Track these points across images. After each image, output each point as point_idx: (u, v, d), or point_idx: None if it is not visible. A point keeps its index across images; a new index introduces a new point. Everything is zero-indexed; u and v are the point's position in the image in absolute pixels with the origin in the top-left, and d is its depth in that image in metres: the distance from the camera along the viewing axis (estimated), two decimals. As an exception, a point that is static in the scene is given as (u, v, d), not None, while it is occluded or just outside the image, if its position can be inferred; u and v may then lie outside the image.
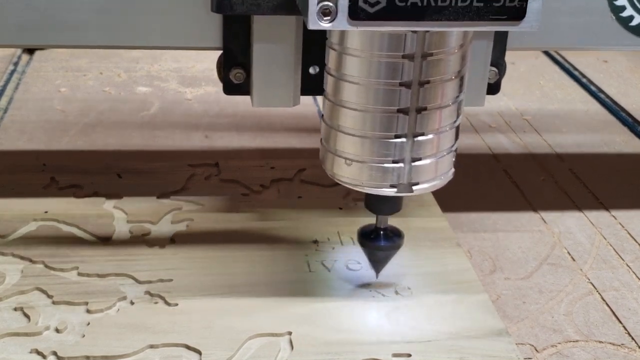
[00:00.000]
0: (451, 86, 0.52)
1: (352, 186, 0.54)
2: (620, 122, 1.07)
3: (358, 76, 0.51)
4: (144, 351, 0.55)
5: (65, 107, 1.03)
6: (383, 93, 0.51)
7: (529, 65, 1.28)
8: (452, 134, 0.54)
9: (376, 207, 0.59)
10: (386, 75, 0.50)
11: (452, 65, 0.51)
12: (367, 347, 0.56)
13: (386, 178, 0.53)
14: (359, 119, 0.52)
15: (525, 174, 0.91)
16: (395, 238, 0.60)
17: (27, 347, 0.54)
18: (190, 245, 0.67)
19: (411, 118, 0.52)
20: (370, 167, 0.53)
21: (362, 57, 0.50)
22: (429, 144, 0.53)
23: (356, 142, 0.53)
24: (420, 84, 0.51)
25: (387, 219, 0.60)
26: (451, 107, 0.53)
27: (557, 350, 0.62)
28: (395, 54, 0.50)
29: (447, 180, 0.56)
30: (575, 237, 0.78)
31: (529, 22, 0.47)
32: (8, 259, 0.64)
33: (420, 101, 0.51)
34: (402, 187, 0.54)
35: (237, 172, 0.78)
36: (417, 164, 0.53)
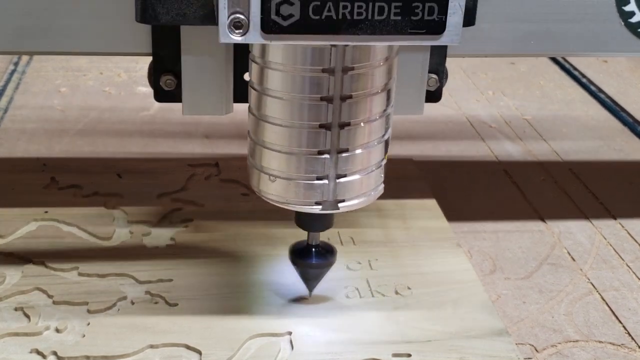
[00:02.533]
0: (377, 100, 0.51)
1: (278, 203, 0.53)
2: (620, 122, 1.07)
3: (279, 90, 0.49)
4: (144, 351, 0.55)
5: (65, 107, 1.03)
6: (305, 108, 0.49)
7: (529, 65, 1.28)
8: (380, 149, 0.53)
9: (306, 224, 0.57)
10: (307, 89, 0.49)
11: (376, 79, 0.50)
12: (367, 347, 0.56)
13: (311, 195, 0.51)
14: (281, 134, 0.50)
15: (525, 174, 0.91)
16: (327, 255, 0.59)
17: (27, 347, 0.54)
18: (190, 245, 0.67)
19: (334, 134, 0.50)
20: (296, 183, 0.51)
21: (283, 71, 0.49)
22: (355, 159, 0.51)
23: (280, 158, 0.51)
24: (342, 98, 0.49)
25: (319, 236, 0.58)
26: (377, 121, 0.51)
27: (557, 350, 0.62)
28: (316, 68, 0.48)
29: (376, 195, 0.54)
30: (575, 237, 0.78)
31: (449, 37, 0.46)
32: (8, 259, 0.64)
33: (343, 116, 0.50)
34: (328, 205, 0.52)
35: (237, 172, 0.78)
36: (343, 180, 0.51)
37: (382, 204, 0.74)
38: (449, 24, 0.45)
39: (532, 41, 0.60)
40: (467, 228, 0.79)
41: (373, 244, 0.68)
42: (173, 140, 0.95)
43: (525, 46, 0.60)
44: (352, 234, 0.69)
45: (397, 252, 0.67)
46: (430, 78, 0.59)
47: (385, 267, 0.65)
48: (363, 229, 0.70)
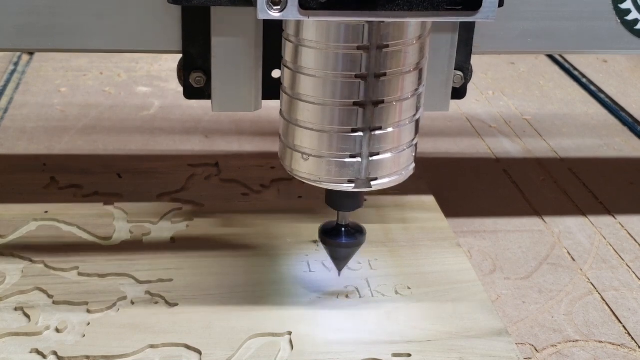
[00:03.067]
0: (409, 79, 0.51)
1: (311, 182, 0.53)
2: (620, 122, 1.07)
3: (313, 68, 0.50)
4: (144, 351, 0.55)
5: (65, 107, 1.03)
6: (338, 85, 0.50)
7: (529, 65, 1.28)
8: (411, 128, 0.53)
9: (337, 203, 0.57)
10: (341, 67, 0.49)
11: (409, 57, 0.50)
12: (367, 347, 0.56)
13: (344, 173, 0.52)
14: (315, 112, 0.51)
15: (525, 174, 0.91)
16: (357, 235, 0.59)
17: (27, 347, 0.54)
18: (190, 245, 0.67)
19: (368, 111, 0.50)
20: (328, 162, 0.52)
21: (317, 49, 0.49)
22: (387, 138, 0.52)
23: (313, 136, 0.51)
24: (376, 76, 0.49)
25: (349, 216, 0.59)
26: (410, 100, 0.52)
27: (557, 350, 0.62)
28: (350, 45, 0.48)
29: (407, 175, 0.55)
30: (575, 237, 0.78)
31: (484, 13, 0.46)
32: (8, 259, 0.64)
33: (376, 94, 0.50)
34: (360, 183, 0.52)
35: (237, 172, 0.78)
36: (375, 158, 0.52)
37: (382, 204, 0.74)
38: (485, 0, 0.46)
39: (529, 39, 0.61)
40: (467, 228, 0.79)
41: (373, 244, 0.68)
42: (173, 140, 0.95)
43: (523, 44, 0.61)
44: (352, 234, 0.69)
45: (397, 252, 0.67)
46: (455, 75, 0.60)
47: (385, 267, 0.65)
48: (363, 229, 0.70)
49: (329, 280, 0.63)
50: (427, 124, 1.04)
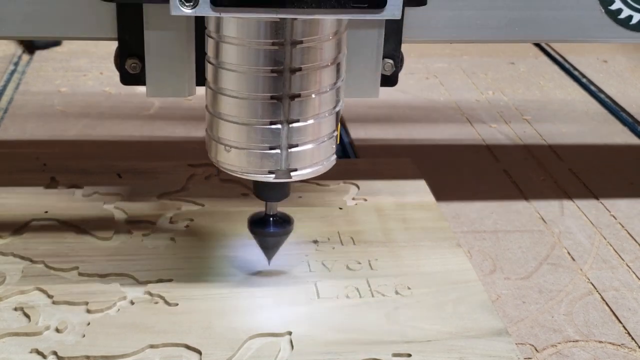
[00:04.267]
0: (326, 73, 0.53)
1: (233, 172, 0.55)
2: (620, 122, 1.07)
3: (233, 63, 0.52)
4: (144, 351, 0.55)
5: (65, 107, 1.03)
6: (257, 80, 0.52)
7: (529, 65, 1.28)
8: (331, 120, 0.55)
9: (263, 193, 0.59)
10: (259, 62, 0.51)
11: (325, 52, 0.52)
12: (367, 347, 0.56)
13: (264, 164, 0.54)
14: (235, 105, 0.53)
15: (525, 174, 0.91)
16: (284, 224, 0.61)
17: (27, 347, 0.54)
18: (190, 245, 0.67)
19: (285, 105, 0.52)
20: (248, 153, 0.54)
21: (235, 44, 0.51)
22: (306, 130, 0.54)
23: (234, 129, 0.54)
24: (292, 71, 0.51)
25: (276, 206, 0.60)
26: (327, 94, 0.54)
27: (557, 350, 0.62)
28: (266, 41, 0.51)
29: (329, 166, 0.56)
30: (575, 237, 0.78)
31: (390, 11, 0.49)
32: (8, 259, 0.64)
33: (293, 88, 0.52)
34: (281, 174, 0.54)
35: (237, 172, 0.78)
36: (294, 150, 0.54)
37: (382, 204, 0.74)
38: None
39: (516, 28, 0.62)
40: (467, 228, 0.79)
41: (373, 244, 0.68)
42: (173, 140, 0.95)
43: (509, 32, 0.62)
44: (352, 234, 0.69)
45: (397, 252, 0.67)
46: (386, 63, 0.61)
47: (385, 267, 0.65)
48: (363, 229, 0.70)
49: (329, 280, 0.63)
50: (427, 124, 1.04)
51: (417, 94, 1.14)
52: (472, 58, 1.30)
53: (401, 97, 1.12)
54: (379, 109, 1.07)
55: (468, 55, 1.30)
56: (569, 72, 1.26)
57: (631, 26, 0.63)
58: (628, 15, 0.62)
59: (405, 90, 1.15)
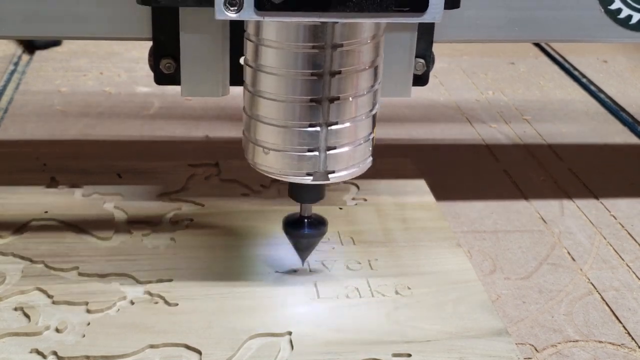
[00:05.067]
0: (364, 76, 0.53)
1: (271, 174, 0.56)
2: (620, 122, 1.07)
3: (272, 66, 0.52)
4: (144, 351, 0.55)
5: (65, 107, 1.03)
6: (296, 83, 0.52)
7: (529, 65, 1.28)
8: (368, 123, 0.55)
9: (299, 195, 0.59)
10: (298, 65, 0.52)
11: (364, 56, 0.53)
12: (367, 347, 0.56)
13: (302, 166, 0.54)
14: (274, 108, 0.53)
15: (525, 174, 0.91)
16: (319, 226, 0.61)
17: (27, 347, 0.54)
18: (190, 245, 0.67)
19: (324, 107, 0.53)
20: (287, 155, 0.54)
21: (275, 48, 0.52)
22: (344, 132, 0.54)
23: (273, 131, 0.54)
24: (331, 74, 0.52)
25: (311, 207, 0.61)
26: (365, 96, 0.54)
27: (557, 350, 0.62)
28: (307, 44, 0.51)
29: (365, 168, 0.57)
30: (575, 237, 0.78)
31: (431, 14, 0.49)
32: (8, 259, 0.64)
33: (332, 91, 0.52)
34: (319, 175, 0.55)
35: (237, 172, 0.78)
36: (332, 152, 0.54)
37: (382, 204, 0.74)
38: (431, 3, 0.49)
39: (516, 27, 0.62)
40: (467, 228, 0.79)
41: (373, 244, 0.68)
42: (173, 140, 0.95)
43: (509, 32, 0.63)
44: (352, 234, 0.69)
45: (397, 252, 0.67)
46: (417, 62, 0.62)
47: (385, 267, 0.65)
48: (363, 229, 0.70)
49: (329, 280, 0.63)
50: (427, 124, 1.04)
51: (417, 94, 1.14)
52: (472, 58, 1.30)
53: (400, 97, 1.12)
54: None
55: (468, 55, 1.30)
56: (569, 72, 1.26)
57: (631, 26, 0.63)
58: (628, 14, 0.63)
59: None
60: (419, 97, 1.13)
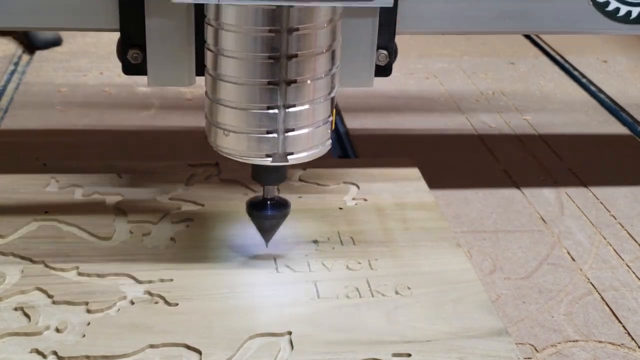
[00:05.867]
0: (321, 60, 0.55)
1: (231, 156, 0.57)
2: (620, 122, 1.07)
3: (230, 50, 0.54)
4: (144, 351, 0.55)
5: (65, 107, 1.03)
6: (254, 66, 0.54)
7: (529, 65, 1.28)
8: (326, 106, 0.57)
9: (260, 177, 0.61)
10: (256, 48, 0.53)
11: (320, 39, 0.54)
12: (367, 347, 0.56)
13: (261, 148, 0.56)
14: (233, 91, 0.55)
15: (525, 174, 0.91)
16: (281, 207, 0.63)
17: (27, 347, 0.54)
18: (190, 245, 0.67)
19: (281, 90, 0.54)
20: (246, 137, 0.56)
21: (234, 32, 0.53)
22: (302, 115, 0.55)
23: (232, 114, 0.55)
24: (288, 57, 0.53)
25: (274, 189, 0.62)
26: (323, 79, 0.56)
27: (557, 350, 0.62)
28: (264, 28, 0.53)
29: (324, 150, 0.58)
30: (575, 237, 0.78)
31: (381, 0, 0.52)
32: (8, 258, 0.64)
33: (290, 74, 0.54)
34: (278, 157, 0.56)
35: (237, 172, 0.78)
36: (291, 134, 0.56)
37: (382, 204, 0.74)
38: None
39: (506, 20, 0.64)
40: (467, 228, 0.79)
41: (373, 244, 0.68)
42: (173, 140, 0.95)
43: (500, 24, 0.65)
44: (352, 234, 0.69)
45: (397, 252, 0.67)
46: (380, 54, 0.63)
47: (385, 267, 0.65)
48: (363, 229, 0.70)
49: (329, 280, 0.63)
50: (428, 124, 1.04)
51: (417, 94, 1.14)
52: (472, 58, 1.30)
53: (401, 97, 1.12)
54: (377, 109, 1.07)
55: (468, 55, 1.31)
56: (569, 72, 1.26)
57: (618, 18, 0.65)
58: (615, 7, 0.64)
59: (405, 90, 1.15)
60: (419, 97, 1.13)
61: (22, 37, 1.25)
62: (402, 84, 1.16)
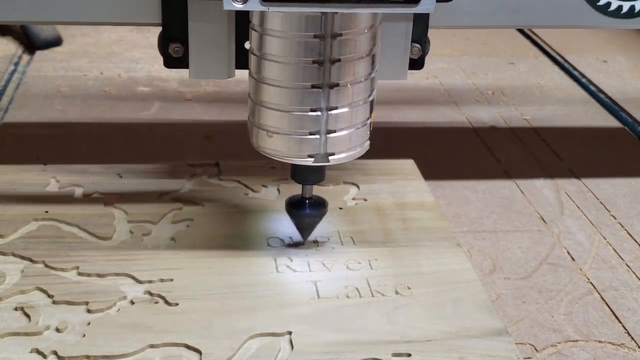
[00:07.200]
0: (362, 64, 0.57)
1: (274, 157, 0.59)
2: (620, 122, 1.07)
3: (275, 55, 0.56)
4: (144, 351, 0.55)
5: (65, 107, 1.03)
6: (298, 70, 0.56)
7: (529, 65, 1.28)
8: (365, 108, 0.59)
9: (300, 177, 0.63)
10: (300, 53, 0.55)
11: (361, 45, 0.56)
12: (367, 347, 0.56)
13: (304, 149, 0.58)
14: (277, 94, 0.57)
15: (525, 173, 0.91)
16: (319, 206, 0.64)
17: (27, 347, 0.54)
18: (190, 245, 0.67)
19: (324, 93, 0.56)
20: (289, 138, 0.58)
21: (278, 37, 0.55)
22: (343, 117, 0.57)
23: (276, 116, 0.57)
24: (331, 61, 0.55)
25: (312, 189, 0.64)
26: (363, 83, 0.58)
27: (556, 350, 0.62)
28: (308, 34, 0.54)
29: (363, 151, 0.60)
30: (575, 237, 0.78)
31: (424, 6, 0.53)
32: (8, 258, 0.64)
33: (332, 78, 0.56)
34: (319, 157, 0.58)
35: (237, 172, 0.78)
36: (332, 135, 0.58)
37: (382, 204, 0.74)
38: None
39: (501, 14, 0.66)
40: (467, 228, 0.79)
41: (373, 244, 0.68)
42: (173, 140, 0.95)
43: (495, 19, 0.66)
44: (352, 234, 0.69)
45: (397, 252, 0.67)
46: (413, 47, 0.65)
47: (385, 267, 0.65)
48: (363, 229, 0.70)
49: (329, 280, 0.63)
50: (428, 124, 1.04)
51: (417, 94, 1.14)
52: (472, 58, 1.30)
53: (401, 97, 1.12)
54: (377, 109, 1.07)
55: (468, 55, 1.31)
56: (568, 72, 1.26)
57: (610, 12, 0.66)
58: (606, 2, 0.66)
59: (404, 90, 1.15)
60: (419, 97, 1.13)
61: (22, 37, 1.25)
62: (402, 84, 1.16)
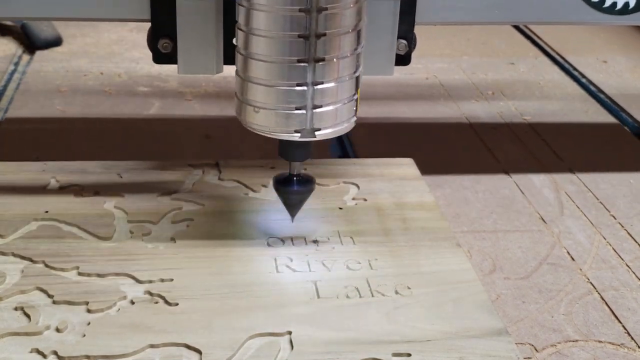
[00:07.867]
0: (348, 39, 0.57)
1: (261, 132, 0.59)
2: (620, 122, 1.07)
3: (262, 29, 0.56)
4: (144, 351, 0.55)
5: (65, 107, 1.03)
6: (284, 45, 0.56)
7: (529, 65, 1.28)
8: (351, 84, 0.59)
9: (288, 153, 0.62)
10: (286, 27, 0.55)
11: (347, 19, 0.57)
12: (367, 347, 0.56)
13: (290, 124, 0.58)
14: (264, 69, 0.57)
15: (525, 174, 0.91)
16: (307, 183, 0.65)
17: (27, 347, 0.54)
18: (190, 245, 0.67)
19: (310, 68, 0.56)
20: (276, 113, 0.58)
21: (265, 11, 0.56)
22: (329, 92, 0.58)
23: (262, 91, 0.58)
24: (317, 36, 0.56)
25: (300, 166, 0.64)
26: (349, 58, 0.58)
27: (556, 350, 0.62)
28: (293, 7, 0.55)
29: (349, 127, 0.60)
30: (575, 237, 0.78)
31: None
32: (8, 258, 0.64)
33: (318, 52, 0.56)
34: (306, 133, 0.58)
35: (237, 172, 0.78)
36: (318, 110, 0.58)
37: (382, 204, 0.74)
38: None
39: (496, 10, 0.66)
40: (467, 228, 0.79)
41: (373, 244, 0.68)
42: (173, 140, 0.95)
43: (490, 15, 0.67)
44: (352, 234, 0.69)
45: (397, 252, 0.67)
46: (400, 43, 0.65)
47: (385, 267, 0.65)
48: (363, 229, 0.70)
49: (329, 280, 0.63)
50: (428, 124, 1.04)
51: (417, 94, 1.14)
52: (472, 58, 1.30)
53: (400, 97, 1.12)
54: (377, 109, 1.07)
55: (468, 56, 1.31)
56: (568, 72, 1.26)
57: (604, 9, 0.67)
58: None
59: (404, 90, 1.15)
60: (419, 97, 1.13)
61: (22, 37, 1.25)
62: (402, 84, 1.16)
